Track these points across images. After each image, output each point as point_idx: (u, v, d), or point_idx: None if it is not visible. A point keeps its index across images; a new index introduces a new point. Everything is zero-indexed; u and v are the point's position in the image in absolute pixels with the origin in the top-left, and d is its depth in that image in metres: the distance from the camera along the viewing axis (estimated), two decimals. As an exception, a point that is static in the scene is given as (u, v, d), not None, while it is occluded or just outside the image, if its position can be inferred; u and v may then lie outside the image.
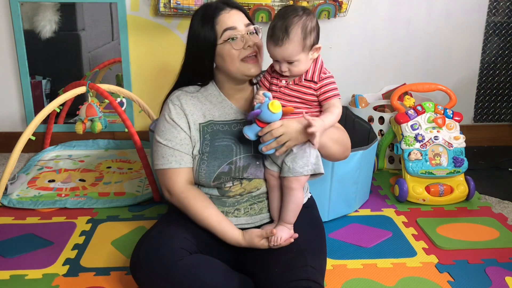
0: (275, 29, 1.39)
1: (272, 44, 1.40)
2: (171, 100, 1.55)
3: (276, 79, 1.47)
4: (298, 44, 1.38)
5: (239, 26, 1.48)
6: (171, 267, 1.36)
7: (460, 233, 1.95)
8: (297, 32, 1.37)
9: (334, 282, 1.64)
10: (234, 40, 1.47)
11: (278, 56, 1.41)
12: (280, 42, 1.38)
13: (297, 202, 1.47)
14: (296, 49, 1.38)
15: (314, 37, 1.41)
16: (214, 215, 1.49)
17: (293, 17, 1.38)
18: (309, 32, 1.39)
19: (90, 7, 2.73)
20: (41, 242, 1.86)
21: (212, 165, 1.50)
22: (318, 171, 1.46)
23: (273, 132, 1.38)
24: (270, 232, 1.42)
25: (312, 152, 1.44)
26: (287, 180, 1.44)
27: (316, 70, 1.44)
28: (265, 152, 1.41)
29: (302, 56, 1.40)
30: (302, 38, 1.38)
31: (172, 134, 1.52)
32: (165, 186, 1.54)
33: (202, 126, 1.54)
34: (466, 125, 2.84)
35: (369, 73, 2.83)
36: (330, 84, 1.44)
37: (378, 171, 2.54)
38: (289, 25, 1.37)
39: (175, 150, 1.51)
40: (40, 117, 2.14)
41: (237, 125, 1.55)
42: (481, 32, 2.80)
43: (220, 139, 1.53)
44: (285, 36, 1.37)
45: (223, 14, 1.49)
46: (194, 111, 1.54)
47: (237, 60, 1.48)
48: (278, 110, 1.36)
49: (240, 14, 1.51)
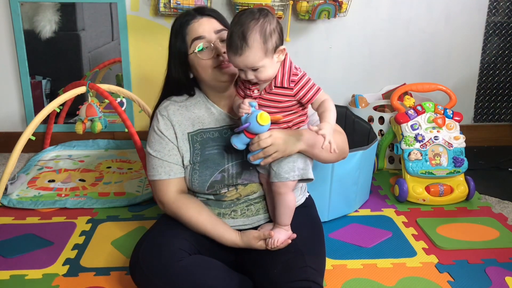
0: (233, 37, 1.30)
1: (232, 54, 1.32)
2: (159, 111, 1.55)
3: (248, 89, 1.40)
4: (259, 49, 1.29)
5: (207, 34, 1.46)
6: (170, 268, 1.36)
7: (460, 233, 1.95)
8: (255, 37, 1.29)
9: (334, 282, 1.64)
10: (203, 50, 1.45)
11: (240, 65, 1.33)
12: (240, 51, 1.29)
13: (288, 205, 1.45)
14: (258, 55, 1.30)
15: (276, 39, 1.32)
16: (208, 220, 1.48)
17: (250, 21, 1.29)
18: (269, 35, 1.30)
19: (90, 7, 2.73)
20: (41, 242, 1.86)
21: (204, 175, 1.49)
22: (306, 177, 1.43)
23: (261, 142, 1.34)
24: (268, 234, 1.42)
25: (299, 158, 1.42)
26: (274, 185, 1.43)
27: (285, 74, 1.35)
28: (253, 161, 1.39)
29: (266, 61, 1.31)
30: (262, 42, 1.29)
31: (160, 145, 1.52)
32: (157, 198, 1.55)
33: (191, 136, 1.52)
34: (466, 125, 2.84)
35: (369, 73, 2.83)
36: (306, 84, 1.35)
37: (378, 171, 2.54)
38: (246, 31, 1.28)
39: (164, 161, 1.51)
40: (40, 117, 2.14)
41: (227, 131, 1.53)
42: (481, 32, 2.80)
43: (211, 148, 1.51)
44: (243, 44, 1.28)
45: (192, 23, 1.47)
46: (182, 121, 1.53)
47: (209, 68, 1.46)
48: (267, 122, 1.32)
49: (211, 21, 1.48)
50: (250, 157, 1.40)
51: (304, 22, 2.66)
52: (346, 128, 2.40)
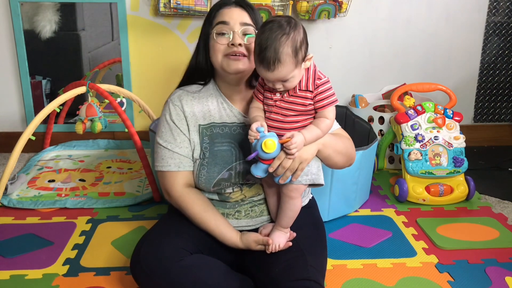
0: (265, 53, 1.29)
1: (264, 70, 1.31)
2: (171, 100, 1.53)
3: (270, 92, 1.40)
4: (291, 64, 1.30)
5: (232, 22, 1.46)
6: (171, 267, 1.35)
7: (460, 233, 1.95)
8: (288, 52, 1.28)
9: (334, 282, 1.64)
10: (220, 35, 1.46)
11: (271, 79, 1.33)
12: (272, 67, 1.29)
13: (295, 209, 1.45)
14: (289, 69, 1.30)
15: (304, 49, 1.33)
16: (212, 217, 1.48)
17: (280, 36, 1.28)
18: (299, 47, 1.30)
19: (90, 7, 2.73)
20: (41, 242, 1.86)
21: (212, 171, 1.49)
22: (317, 182, 1.43)
23: (284, 164, 1.33)
24: (266, 242, 1.42)
25: (314, 163, 1.42)
26: (287, 189, 1.42)
27: (309, 78, 1.36)
28: (283, 183, 1.37)
29: (296, 71, 1.32)
30: (294, 56, 1.30)
31: (171, 136, 1.51)
32: (164, 188, 1.54)
33: (202, 128, 1.52)
34: (466, 125, 2.84)
35: (369, 73, 2.83)
36: (326, 91, 1.36)
37: (378, 171, 2.54)
38: (277, 47, 1.28)
39: (174, 152, 1.51)
40: (40, 117, 2.14)
41: (237, 128, 1.53)
42: (481, 32, 2.81)
43: (220, 144, 1.51)
44: (276, 61, 1.28)
45: (224, 9, 1.49)
46: (194, 112, 1.52)
47: (220, 54, 1.46)
48: (273, 149, 1.30)
49: (242, 13, 1.49)
50: (279, 180, 1.37)
51: (304, 22, 2.66)
52: (346, 128, 2.38)
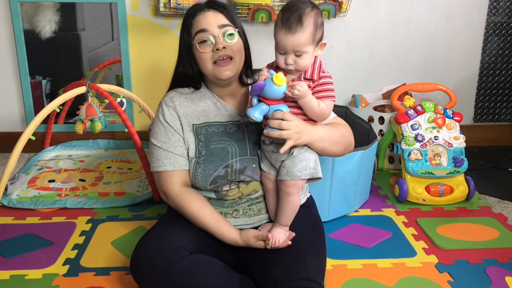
0: (289, 16, 1.36)
1: (284, 32, 1.37)
2: (164, 102, 1.55)
3: None
4: (310, 34, 1.37)
5: (211, 28, 1.47)
6: (171, 267, 1.36)
7: (460, 233, 1.95)
8: (310, 22, 1.37)
9: (334, 282, 1.64)
10: (203, 43, 1.46)
11: (288, 45, 1.37)
12: (294, 29, 1.35)
13: (294, 206, 1.46)
14: (308, 39, 1.37)
15: (322, 32, 1.41)
16: (210, 215, 1.49)
17: (305, 8, 1.37)
18: (319, 25, 1.39)
19: (90, 7, 2.73)
20: (41, 242, 1.86)
21: (208, 169, 1.49)
22: (316, 176, 1.44)
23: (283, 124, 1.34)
24: (266, 236, 1.42)
25: (311, 156, 1.43)
26: (284, 185, 1.43)
27: (315, 69, 1.42)
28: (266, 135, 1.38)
29: (311, 48, 1.39)
30: (314, 29, 1.37)
31: (166, 136, 1.52)
32: (160, 189, 1.55)
33: (196, 128, 1.53)
34: (466, 125, 2.84)
35: (369, 73, 2.83)
36: (327, 85, 1.42)
37: (378, 171, 2.54)
38: (302, 14, 1.36)
39: (169, 152, 1.51)
40: (40, 117, 2.14)
41: (232, 126, 1.54)
42: (481, 32, 2.81)
43: (216, 142, 1.52)
44: (299, 24, 1.35)
45: (198, 16, 1.49)
46: (187, 112, 1.54)
47: (209, 62, 1.47)
48: (283, 83, 1.33)
49: (217, 15, 1.49)
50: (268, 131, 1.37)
51: (304, 22, 2.66)
52: (346, 128, 2.40)
